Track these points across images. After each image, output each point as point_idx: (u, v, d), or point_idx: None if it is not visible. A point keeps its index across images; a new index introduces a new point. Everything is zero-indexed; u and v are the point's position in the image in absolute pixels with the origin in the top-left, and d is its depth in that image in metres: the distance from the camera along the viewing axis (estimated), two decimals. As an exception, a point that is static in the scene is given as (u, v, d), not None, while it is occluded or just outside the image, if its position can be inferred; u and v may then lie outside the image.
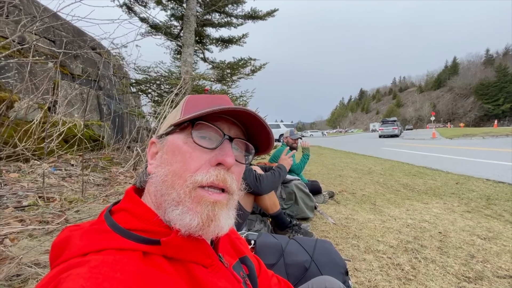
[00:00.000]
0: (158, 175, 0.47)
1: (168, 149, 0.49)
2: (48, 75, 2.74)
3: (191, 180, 0.44)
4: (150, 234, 0.44)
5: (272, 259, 0.98)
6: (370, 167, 6.48)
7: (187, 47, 4.43)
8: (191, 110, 0.51)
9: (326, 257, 0.99)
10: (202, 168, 0.45)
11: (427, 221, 2.58)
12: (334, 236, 2.17)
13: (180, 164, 0.45)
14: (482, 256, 1.86)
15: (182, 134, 0.49)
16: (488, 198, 3.41)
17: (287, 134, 3.61)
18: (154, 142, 0.53)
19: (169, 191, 0.45)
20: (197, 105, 0.53)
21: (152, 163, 0.51)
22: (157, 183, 0.47)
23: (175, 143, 0.48)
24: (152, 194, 0.49)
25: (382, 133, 26.35)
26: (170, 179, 0.45)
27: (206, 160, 0.46)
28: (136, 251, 0.41)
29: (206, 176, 0.45)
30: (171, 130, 0.51)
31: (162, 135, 0.52)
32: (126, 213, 0.47)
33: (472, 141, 14.42)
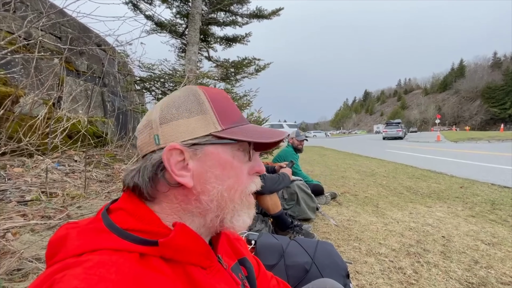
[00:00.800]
0: (213, 193, 0.47)
1: (214, 163, 0.47)
2: (54, 71, 2.76)
3: (245, 191, 0.50)
4: (147, 235, 0.43)
5: (272, 260, 0.97)
6: (373, 169, 6.44)
7: (192, 45, 4.43)
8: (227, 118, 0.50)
9: (327, 259, 0.98)
10: (247, 178, 0.51)
11: (430, 225, 2.55)
12: (336, 238, 2.15)
13: (234, 179, 0.49)
14: (486, 261, 1.83)
15: (228, 147, 0.49)
16: (493, 203, 3.36)
17: (293, 135, 3.60)
18: (180, 150, 0.46)
19: (228, 204, 0.49)
20: (226, 109, 0.51)
21: (183, 174, 0.46)
22: (210, 200, 0.47)
23: (223, 157, 0.48)
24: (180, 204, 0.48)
25: (386, 135, 26.21)
26: (228, 194, 0.48)
27: (247, 171, 0.51)
28: (133, 252, 0.40)
29: (253, 185, 0.52)
30: (211, 141, 0.48)
31: (194, 144, 0.47)
32: (124, 212, 0.46)
33: (477, 145, 14.25)
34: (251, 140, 0.48)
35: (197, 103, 0.49)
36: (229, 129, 0.49)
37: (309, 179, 3.46)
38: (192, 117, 0.48)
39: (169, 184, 0.47)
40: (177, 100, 0.50)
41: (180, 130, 0.47)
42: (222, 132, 0.48)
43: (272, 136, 0.51)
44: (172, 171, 0.45)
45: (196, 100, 0.49)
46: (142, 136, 0.50)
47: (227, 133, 0.48)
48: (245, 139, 0.48)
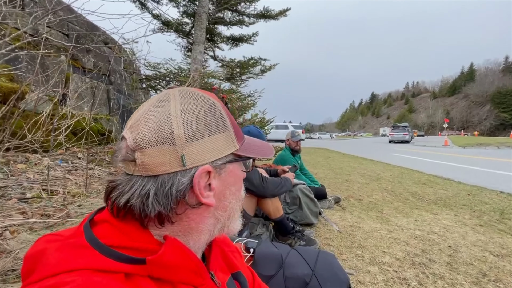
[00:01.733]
0: (229, 208, 0.50)
1: (233, 181, 0.49)
2: (60, 68, 2.77)
3: (241, 198, 0.54)
4: (135, 252, 0.39)
5: (270, 270, 0.93)
6: (378, 173, 6.34)
7: (198, 44, 4.41)
8: (239, 134, 0.51)
9: (328, 272, 0.93)
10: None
11: (437, 233, 2.48)
12: (338, 245, 2.10)
13: (240, 191, 0.53)
14: (495, 274, 1.76)
15: (240, 164, 0.52)
16: (502, 211, 3.27)
17: (288, 136, 3.53)
18: (211, 172, 0.44)
19: (234, 213, 0.52)
20: (234, 124, 0.51)
21: (209, 195, 0.44)
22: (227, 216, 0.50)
23: (238, 174, 0.51)
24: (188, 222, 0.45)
25: (392, 139, 25.90)
26: (238, 207, 0.52)
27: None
28: (118, 272, 0.36)
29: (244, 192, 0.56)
30: (232, 159, 0.48)
31: (220, 165, 0.46)
32: (109, 225, 0.42)
33: (486, 151, 13.97)
34: (258, 156, 0.52)
35: (220, 119, 0.46)
36: (242, 146, 0.50)
37: (313, 178, 3.41)
38: (216, 135, 0.44)
39: (188, 205, 0.43)
40: (200, 112, 0.44)
41: (206, 149, 0.43)
42: (239, 150, 0.49)
43: (267, 152, 0.56)
44: (201, 194, 0.43)
45: (217, 114, 0.46)
46: (154, 151, 0.40)
47: (241, 151, 0.49)
48: (255, 156, 0.52)
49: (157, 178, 0.41)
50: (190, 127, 0.42)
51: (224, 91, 4.22)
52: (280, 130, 21.60)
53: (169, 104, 0.43)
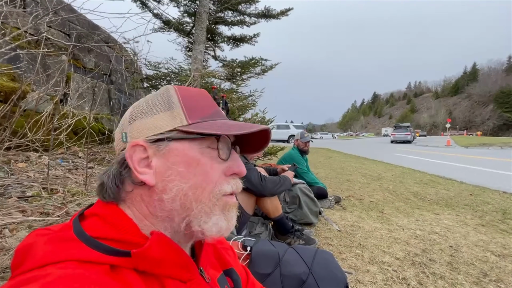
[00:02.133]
0: (174, 191, 0.44)
1: (179, 160, 0.44)
2: (60, 67, 2.78)
3: (217, 191, 0.46)
4: (121, 245, 0.40)
5: (267, 268, 0.93)
6: (380, 173, 6.32)
7: (198, 44, 4.41)
8: (196, 113, 0.47)
9: (325, 270, 0.93)
10: (221, 178, 0.47)
11: (437, 233, 2.46)
12: (338, 244, 2.09)
13: (201, 177, 0.45)
14: (496, 274, 1.75)
15: (195, 144, 0.46)
16: (504, 212, 3.24)
17: (297, 136, 3.54)
18: (143, 146, 0.44)
19: (194, 205, 0.44)
20: (197, 104, 0.48)
21: (145, 171, 0.43)
22: (172, 199, 0.44)
23: (189, 154, 0.45)
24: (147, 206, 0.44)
25: (394, 139, 25.81)
26: (193, 193, 0.44)
27: (221, 171, 0.47)
28: (103, 264, 0.36)
29: (229, 186, 0.47)
30: (176, 136, 0.45)
31: (159, 140, 0.44)
32: (97, 218, 0.42)
33: (489, 151, 13.88)
34: (217, 133, 0.44)
35: (166, 100, 0.47)
36: (197, 123, 0.46)
37: (317, 180, 3.39)
38: (159, 113, 0.46)
39: (133, 183, 0.44)
40: (149, 98, 0.49)
41: (146, 127, 0.45)
42: (189, 126, 0.45)
43: (242, 128, 0.46)
44: (135, 169, 0.43)
45: (166, 96, 0.48)
46: (116, 135, 0.49)
47: (193, 127, 0.45)
48: (211, 132, 0.44)
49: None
50: (137, 110, 0.47)
51: (225, 91, 4.21)
52: (281, 130, 21.59)
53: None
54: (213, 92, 2.75)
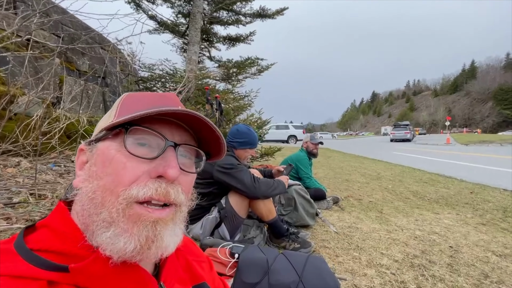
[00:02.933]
0: (84, 192, 0.39)
1: (97, 159, 0.40)
2: (52, 70, 2.73)
3: (124, 196, 0.36)
4: (65, 258, 0.36)
5: (255, 277, 0.88)
6: (379, 172, 6.26)
7: (193, 45, 4.37)
8: (126, 112, 0.42)
9: (316, 278, 0.87)
10: (139, 181, 0.38)
11: (437, 233, 2.41)
12: (335, 247, 2.03)
13: (111, 177, 0.37)
14: (497, 275, 1.69)
15: (115, 141, 0.40)
16: (505, 210, 3.19)
17: (307, 139, 3.44)
18: (83, 150, 0.43)
19: (98, 210, 0.37)
20: (135, 105, 0.44)
21: (80, 174, 0.42)
22: (84, 200, 0.39)
23: (105, 152, 0.40)
24: (79, 213, 0.40)
25: (394, 137, 25.79)
26: (100, 196, 0.37)
27: (143, 172, 0.39)
28: (39, 280, 0.33)
29: (144, 190, 0.37)
30: (102, 135, 0.41)
31: (91, 142, 0.43)
32: (46, 230, 0.39)
33: (489, 148, 13.84)
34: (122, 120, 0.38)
35: (114, 107, 0.46)
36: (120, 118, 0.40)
37: (317, 185, 3.31)
38: (102, 122, 0.46)
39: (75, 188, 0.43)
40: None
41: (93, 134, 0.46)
42: (109, 124, 0.41)
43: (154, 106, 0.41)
44: (76, 171, 0.43)
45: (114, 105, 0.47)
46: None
47: (111, 124, 0.40)
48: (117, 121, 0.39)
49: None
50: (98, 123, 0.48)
51: (220, 92, 4.16)
52: (281, 131, 21.52)
53: None
54: (206, 92, 2.70)
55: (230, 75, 5.17)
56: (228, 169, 1.73)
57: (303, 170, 3.22)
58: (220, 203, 1.76)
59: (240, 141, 1.95)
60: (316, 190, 3.15)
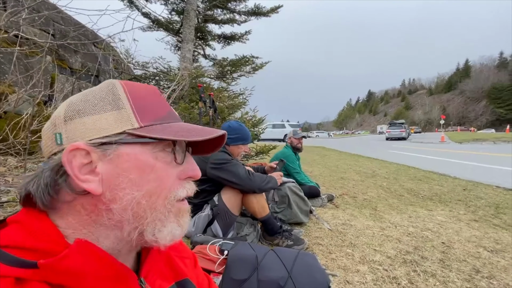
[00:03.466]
0: (125, 200, 0.39)
1: (131, 166, 0.40)
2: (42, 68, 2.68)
3: (171, 197, 0.43)
4: (36, 254, 0.34)
5: (243, 273, 0.87)
6: (374, 170, 6.30)
7: (186, 42, 4.33)
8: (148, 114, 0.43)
9: (305, 274, 0.87)
10: (176, 183, 0.44)
11: (430, 230, 2.43)
12: (328, 244, 2.03)
13: (156, 184, 0.41)
14: (488, 271, 1.71)
15: (148, 147, 0.41)
16: (497, 206, 3.22)
17: (290, 134, 3.47)
18: (85, 150, 0.38)
19: (148, 213, 0.41)
20: (148, 104, 0.44)
21: (89, 179, 0.38)
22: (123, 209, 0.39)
23: (142, 159, 0.41)
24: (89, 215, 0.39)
25: (389, 136, 25.99)
26: (147, 201, 0.41)
27: (176, 175, 0.44)
28: (6, 277, 0.31)
29: (184, 191, 0.45)
30: (126, 140, 0.39)
31: (105, 143, 0.39)
32: (17, 225, 0.37)
33: (482, 146, 14.01)
34: (175, 138, 0.41)
35: (112, 97, 0.42)
36: (150, 126, 0.42)
37: (307, 180, 3.33)
38: (104, 113, 0.40)
39: (74, 192, 0.38)
40: (89, 94, 0.42)
41: (88, 128, 0.39)
42: (140, 129, 0.40)
43: (201, 133, 0.43)
44: (76, 176, 0.37)
45: (111, 94, 0.42)
46: (44, 136, 0.42)
47: (146, 131, 0.41)
48: (168, 138, 0.41)
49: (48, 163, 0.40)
50: (73, 108, 0.40)
51: (214, 90, 4.14)
52: (277, 129, 21.55)
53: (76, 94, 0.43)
54: (200, 90, 2.68)
55: (224, 73, 5.14)
56: (222, 164, 1.72)
57: (291, 165, 3.23)
58: (213, 201, 1.75)
59: (232, 138, 1.94)
60: (310, 188, 3.15)
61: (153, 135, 0.40)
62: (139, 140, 0.40)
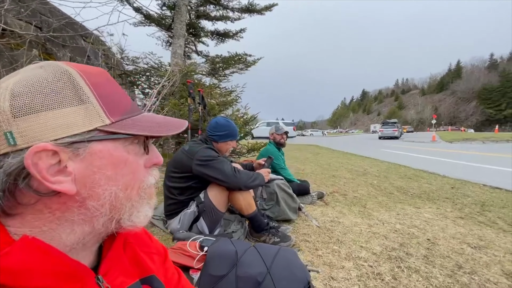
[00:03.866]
0: (103, 196, 0.39)
1: (105, 163, 0.40)
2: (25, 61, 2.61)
3: (144, 186, 0.45)
4: None
5: (222, 270, 0.86)
6: (365, 168, 6.35)
7: (178, 38, 4.27)
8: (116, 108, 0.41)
9: (285, 270, 0.86)
10: (144, 172, 0.46)
11: (417, 227, 2.46)
12: (315, 240, 2.04)
13: (130, 176, 0.43)
14: (470, 266, 1.74)
15: (119, 142, 0.42)
16: (483, 204, 3.29)
17: (272, 130, 3.43)
18: (53, 150, 0.35)
19: (125, 204, 0.43)
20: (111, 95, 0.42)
21: (60, 180, 0.36)
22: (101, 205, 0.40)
23: (116, 154, 0.41)
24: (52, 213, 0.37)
25: (382, 135, 26.27)
26: (123, 194, 0.42)
27: (143, 164, 0.46)
28: None
29: (153, 178, 0.48)
30: (97, 137, 0.38)
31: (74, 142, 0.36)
32: None
33: (472, 145, 14.27)
34: (150, 134, 0.42)
35: (72, 89, 0.37)
36: (120, 122, 0.41)
37: (292, 177, 3.33)
38: (66, 108, 0.36)
39: (38, 194, 0.35)
40: (40, 84, 0.36)
41: (50, 125, 0.35)
42: (112, 126, 0.40)
43: (171, 128, 0.45)
44: (44, 178, 0.34)
45: (70, 85, 0.38)
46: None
47: (118, 127, 0.40)
48: (143, 134, 0.41)
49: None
50: (21, 100, 0.34)
51: (205, 86, 4.10)
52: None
53: (11, 78, 0.37)
54: (189, 86, 2.64)
55: (216, 69, 5.10)
56: (208, 161, 1.70)
57: (275, 162, 3.23)
58: (199, 197, 1.73)
59: (221, 134, 1.92)
60: (299, 185, 3.15)
61: (128, 131, 0.40)
62: (113, 136, 0.40)
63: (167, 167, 1.84)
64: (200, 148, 1.74)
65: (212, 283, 0.81)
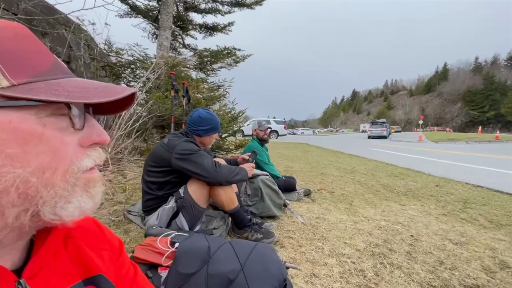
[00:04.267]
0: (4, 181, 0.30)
1: (7, 138, 0.30)
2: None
3: (75, 170, 0.36)
4: None
5: (192, 267, 0.80)
6: (354, 166, 6.41)
7: (164, 30, 4.14)
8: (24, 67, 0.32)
9: (260, 267, 0.81)
10: (78, 152, 0.37)
11: (401, 223, 2.47)
12: (299, 237, 2.01)
13: (49, 156, 0.34)
14: (451, 262, 1.75)
15: (30, 113, 0.32)
16: (465, 201, 3.35)
17: (255, 126, 3.40)
18: None
19: (43, 191, 0.34)
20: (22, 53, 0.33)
21: None
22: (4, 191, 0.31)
23: (23, 127, 0.32)
24: None
25: (371, 134, 26.75)
26: (38, 179, 0.33)
27: (77, 142, 0.37)
28: None
29: (91, 160, 0.38)
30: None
31: None
32: None
33: (456, 145, 14.69)
34: (67, 100, 0.33)
35: None
36: (28, 84, 0.32)
37: (277, 173, 3.30)
38: None
39: None
40: None
41: None
42: (12, 89, 0.31)
43: (103, 94, 0.35)
44: None
45: None
46: None
47: (21, 91, 0.31)
48: (56, 100, 0.32)
49: None
50: None
51: (192, 80, 3.99)
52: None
53: None
54: (172, 78, 2.55)
55: (204, 63, 4.99)
56: (187, 154, 1.63)
57: (259, 158, 3.20)
58: (178, 192, 1.66)
59: (205, 129, 1.86)
60: (286, 182, 3.12)
61: (34, 97, 0.31)
62: (16, 103, 0.31)
63: (145, 161, 1.75)
64: (180, 142, 1.67)
65: (180, 282, 0.75)
